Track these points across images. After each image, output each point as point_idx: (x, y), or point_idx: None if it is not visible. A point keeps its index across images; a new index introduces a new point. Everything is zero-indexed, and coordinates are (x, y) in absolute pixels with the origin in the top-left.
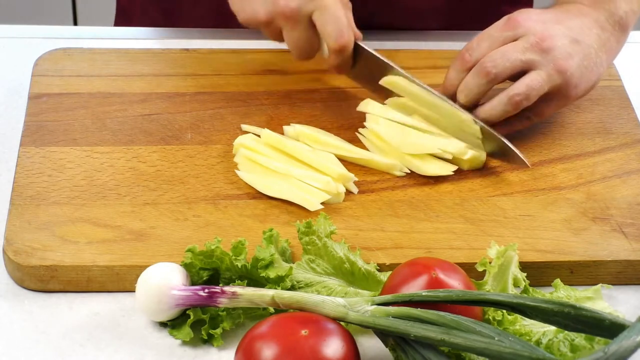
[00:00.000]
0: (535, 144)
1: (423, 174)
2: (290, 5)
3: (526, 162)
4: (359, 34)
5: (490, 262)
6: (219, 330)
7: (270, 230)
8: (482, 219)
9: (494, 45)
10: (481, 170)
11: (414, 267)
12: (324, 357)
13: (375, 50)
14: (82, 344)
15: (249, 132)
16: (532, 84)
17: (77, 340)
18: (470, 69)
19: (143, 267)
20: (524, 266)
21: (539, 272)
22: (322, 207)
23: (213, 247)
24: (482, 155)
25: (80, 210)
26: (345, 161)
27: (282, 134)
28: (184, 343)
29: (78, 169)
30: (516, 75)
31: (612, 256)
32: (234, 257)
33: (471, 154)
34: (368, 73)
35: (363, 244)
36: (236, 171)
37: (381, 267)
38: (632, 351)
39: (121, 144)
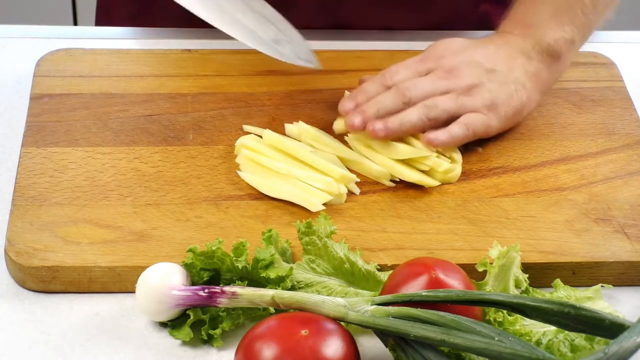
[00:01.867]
0: (537, 145)
1: (407, 180)
2: None
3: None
4: None
5: (491, 263)
6: (218, 331)
7: (270, 230)
8: (484, 220)
9: (412, 75)
10: (482, 171)
11: (414, 267)
12: (324, 357)
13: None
14: (82, 344)
15: (251, 133)
16: (439, 100)
17: (77, 340)
18: (389, 87)
19: (145, 268)
20: (526, 267)
21: (540, 273)
22: (323, 208)
23: (214, 247)
24: (457, 170)
25: (82, 210)
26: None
27: (284, 134)
28: (184, 343)
29: (80, 169)
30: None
31: (614, 257)
32: (234, 258)
33: (446, 166)
34: None
35: (365, 245)
36: (238, 172)
37: (382, 268)
38: (633, 352)
39: (123, 144)
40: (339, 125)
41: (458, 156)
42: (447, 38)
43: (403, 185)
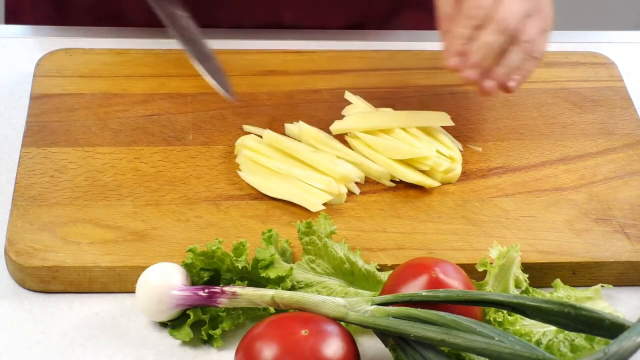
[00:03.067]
0: (537, 145)
1: (407, 181)
2: None
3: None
4: None
5: (491, 263)
6: (218, 331)
7: (269, 230)
8: (484, 220)
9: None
10: (482, 171)
11: (414, 267)
12: (324, 357)
13: None
14: (82, 344)
15: (251, 133)
16: (531, 30)
17: (77, 340)
18: (481, 27)
19: (145, 268)
20: (526, 267)
21: (541, 273)
22: (324, 207)
23: (214, 247)
24: (457, 170)
25: (82, 210)
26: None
27: (284, 134)
28: (184, 343)
29: (80, 169)
30: None
31: (614, 257)
32: (234, 258)
33: (446, 166)
34: None
35: (365, 245)
36: (238, 172)
37: (382, 268)
38: (633, 352)
39: (123, 144)
40: (337, 126)
41: (458, 156)
42: None
43: (403, 186)
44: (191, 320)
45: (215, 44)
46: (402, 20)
